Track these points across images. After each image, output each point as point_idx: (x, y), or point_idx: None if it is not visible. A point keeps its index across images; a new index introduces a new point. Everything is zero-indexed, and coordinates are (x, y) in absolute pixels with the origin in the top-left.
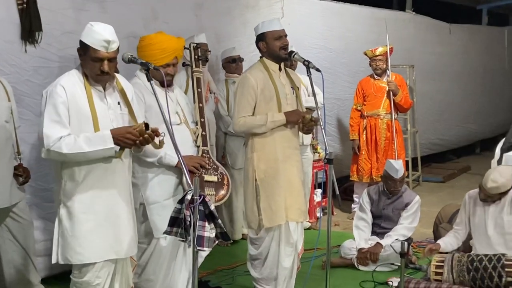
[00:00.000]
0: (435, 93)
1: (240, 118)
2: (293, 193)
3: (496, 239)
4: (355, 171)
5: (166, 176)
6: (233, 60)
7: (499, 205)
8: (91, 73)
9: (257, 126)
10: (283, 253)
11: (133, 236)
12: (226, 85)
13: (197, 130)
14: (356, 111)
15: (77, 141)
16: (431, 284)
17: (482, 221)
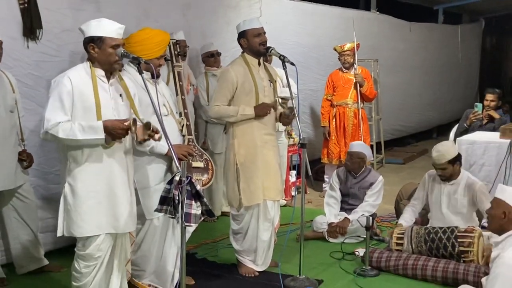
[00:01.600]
0: (397, 84)
1: (215, 106)
2: (270, 175)
3: (449, 216)
4: (326, 154)
5: (156, 163)
6: (212, 55)
7: (454, 186)
8: (109, 62)
9: (228, 115)
10: (262, 228)
11: (131, 213)
12: (206, 78)
13: (182, 120)
14: (326, 101)
15: (73, 128)
16: (393, 254)
17: (438, 199)
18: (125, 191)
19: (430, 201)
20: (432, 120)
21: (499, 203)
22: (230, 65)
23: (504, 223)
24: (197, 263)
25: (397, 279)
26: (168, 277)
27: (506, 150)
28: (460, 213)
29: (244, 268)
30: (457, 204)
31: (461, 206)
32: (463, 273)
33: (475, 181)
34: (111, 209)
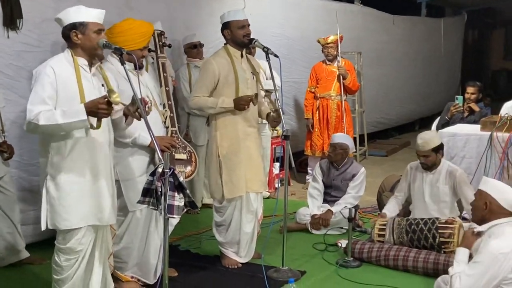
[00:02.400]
0: (380, 77)
1: (194, 97)
2: (253, 167)
3: (432, 206)
4: (309, 146)
5: (139, 155)
6: (194, 46)
7: (436, 175)
8: (93, 47)
9: (207, 107)
10: (245, 220)
11: (113, 206)
12: (188, 69)
13: (166, 112)
14: (310, 93)
15: (54, 113)
16: (375, 245)
17: (421, 188)
18: (108, 182)
19: (412, 192)
20: (415, 112)
21: (482, 194)
22: (212, 56)
23: (485, 214)
24: (180, 255)
25: (378, 270)
26: (151, 269)
27: (487, 142)
28: (443, 202)
29: (227, 259)
30: (439, 193)
31: (444, 195)
32: (443, 263)
33: (456, 169)
34: (95, 201)
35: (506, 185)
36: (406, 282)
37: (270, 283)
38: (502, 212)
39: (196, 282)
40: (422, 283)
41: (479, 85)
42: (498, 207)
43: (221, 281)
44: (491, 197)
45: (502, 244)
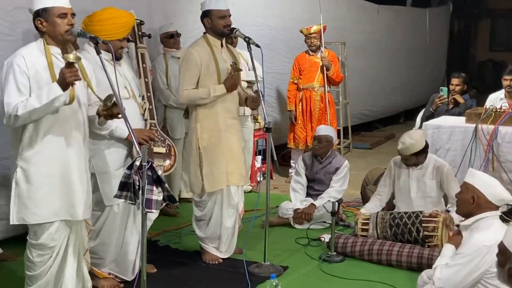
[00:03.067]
0: (364, 68)
1: (184, 91)
2: (234, 160)
3: (418, 202)
4: (292, 139)
5: (116, 147)
6: (171, 36)
7: (422, 170)
8: (59, 33)
9: (200, 98)
10: (225, 214)
11: (87, 201)
12: (164, 59)
13: (144, 104)
14: (293, 84)
15: (29, 100)
16: (358, 240)
17: (406, 184)
18: (81, 176)
19: (397, 188)
20: (400, 104)
21: (468, 188)
22: (191, 47)
23: (472, 208)
24: (159, 251)
25: (362, 264)
26: (129, 265)
27: (472, 134)
28: (429, 197)
29: (208, 255)
30: (426, 188)
31: (430, 190)
32: (427, 257)
33: (443, 164)
34: (67, 195)
35: (493, 179)
36: (389, 276)
37: (252, 278)
38: (489, 207)
39: (175, 278)
40: (405, 277)
41: (464, 76)
42: (486, 202)
43: (202, 277)
44: (478, 191)
45: (486, 237)
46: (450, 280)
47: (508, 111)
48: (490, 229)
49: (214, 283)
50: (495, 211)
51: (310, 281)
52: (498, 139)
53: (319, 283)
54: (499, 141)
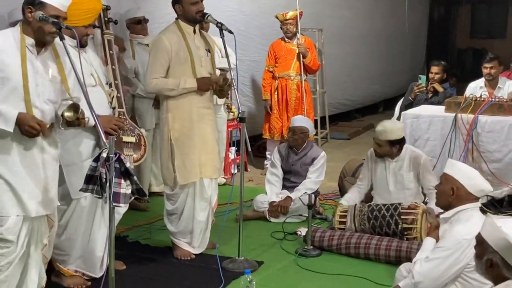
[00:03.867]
0: (342, 55)
1: (152, 79)
2: (207, 151)
3: (396, 194)
4: (267, 130)
5: (83, 137)
6: (138, 22)
7: (399, 162)
8: (44, 31)
9: (168, 89)
10: (198, 208)
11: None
12: (131, 46)
13: (112, 92)
14: (268, 73)
15: None
16: (335, 233)
17: (384, 177)
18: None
19: (374, 181)
20: (378, 93)
21: (448, 179)
22: (162, 33)
23: (452, 199)
24: (128, 247)
25: (339, 258)
26: (96, 262)
27: (451, 124)
28: (408, 189)
29: (180, 250)
30: (404, 181)
31: (408, 182)
32: (406, 250)
33: (420, 155)
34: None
35: (473, 169)
36: (367, 270)
37: (225, 274)
38: (469, 198)
39: (146, 275)
40: (384, 271)
41: (444, 64)
42: (465, 193)
43: (173, 273)
44: (458, 182)
45: (466, 229)
46: (430, 274)
47: (488, 100)
48: (470, 221)
49: (186, 280)
50: (475, 203)
51: (286, 276)
52: (478, 128)
53: (295, 278)
54: (479, 130)
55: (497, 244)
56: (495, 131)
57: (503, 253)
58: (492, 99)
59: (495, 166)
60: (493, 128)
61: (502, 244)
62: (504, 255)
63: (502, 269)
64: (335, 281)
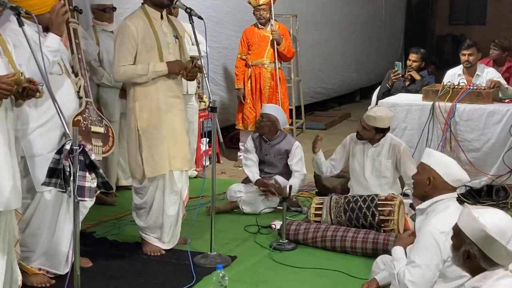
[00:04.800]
0: (318, 42)
1: (120, 67)
2: (177, 142)
3: (373, 181)
4: (241, 120)
5: (49, 128)
6: (106, 9)
7: (378, 148)
8: None
9: (138, 76)
10: (168, 202)
11: (15, 188)
12: (95, 34)
13: (79, 81)
14: (241, 60)
15: None
16: (311, 226)
17: (361, 162)
18: (8, 163)
19: (352, 166)
20: (355, 81)
21: (425, 168)
22: (127, 18)
23: (428, 189)
24: (95, 243)
25: (315, 252)
26: (61, 259)
27: (429, 113)
28: (384, 177)
29: (149, 246)
30: (381, 167)
31: (385, 169)
32: (383, 243)
33: (400, 143)
34: None
35: (450, 159)
36: (343, 264)
37: (197, 270)
38: (446, 188)
39: (114, 272)
40: (360, 264)
41: (422, 52)
42: (442, 183)
43: (143, 270)
44: (435, 172)
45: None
46: (423, 279)
47: (466, 88)
48: (447, 212)
49: (156, 277)
50: (451, 193)
51: (260, 271)
52: (456, 117)
53: (269, 273)
54: (456, 119)
55: (474, 236)
56: (473, 119)
57: (481, 244)
58: (470, 87)
59: (473, 155)
60: (471, 117)
61: (480, 235)
62: (482, 247)
63: (480, 260)
64: (310, 275)
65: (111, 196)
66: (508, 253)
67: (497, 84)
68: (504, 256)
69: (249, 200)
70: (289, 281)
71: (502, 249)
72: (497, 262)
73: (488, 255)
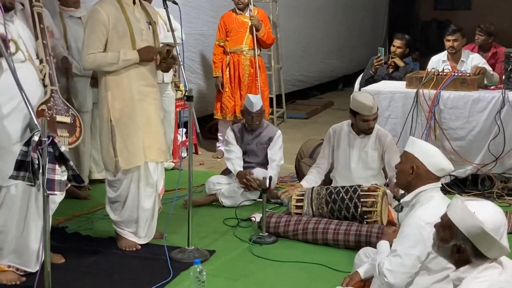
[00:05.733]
0: (298, 28)
1: (89, 54)
2: (152, 133)
3: (358, 173)
4: (219, 109)
5: (12, 118)
6: None
7: (364, 139)
8: None
9: (108, 64)
10: (143, 195)
11: None
12: (61, 20)
13: (44, 68)
14: (219, 47)
15: None
16: (292, 218)
17: (347, 153)
18: None
19: (336, 158)
20: (337, 69)
21: (408, 157)
22: (98, 4)
23: (412, 179)
24: (68, 238)
25: (296, 245)
26: (31, 255)
27: (413, 100)
28: (370, 169)
29: (124, 241)
30: (367, 158)
31: (372, 161)
32: (365, 234)
33: (386, 134)
34: None
35: (434, 147)
36: (325, 257)
37: (174, 266)
38: (430, 177)
39: (87, 269)
40: (342, 257)
41: (407, 38)
42: (426, 172)
43: (117, 266)
44: (418, 160)
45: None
46: (401, 268)
47: (451, 75)
48: (431, 203)
49: (131, 273)
50: (435, 183)
51: (239, 266)
52: (440, 104)
53: (249, 267)
54: (441, 107)
55: (470, 232)
56: (458, 107)
57: (476, 241)
58: (455, 74)
59: (458, 144)
60: (455, 104)
61: (477, 232)
62: (476, 243)
63: (470, 255)
64: (291, 269)
65: (84, 189)
66: (500, 247)
67: (482, 71)
68: (496, 251)
69: (229, 193)
70: (270, 275)
71: (495, 245)
72: (488, 256)
73: (480, 250)
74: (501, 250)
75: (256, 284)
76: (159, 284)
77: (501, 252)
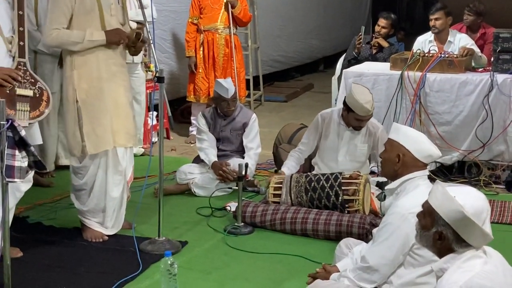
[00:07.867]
0: (277, 5)
1: (52, 30)
2: (120, 116)
3: (344, 165)
4: (192, 91)
5: None
6: None
7: (355, 132)
8: None
9: (72, 43)
10: (111, 182)
11: None
12: None
13: (13, 39)
14: (192, 25)
15: None
16: (269, 207)
17: (335, 145)
18: None
19: (322, 147)
20: (318, 49)
21: (393, 145)
22: None
23: (398, 167)
24: (29, 229)
25: (273, 235)
26: None
27: (397, 83)
28: (358, 162)
29: (90, 232)
30: (356, 152)
31: (361, 155)
32: (347, 225)
33: (377, 126)
34: None
35: (420, 133)
36: (304, 248)
37: (144, 258)
38: (416, 165)
39: (50, 261)
40: (322, 248)
41: (393, 18)
42: (412, 160)
43: (83, 257)
44: (404, 148)
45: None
46: (383, 259)
47: (437, 56)
48: (417, 191)
49: (98, 265)
50: (422, 171)
51: (213, 257)
52: (426, 88)
53: (223, 259)
54: (427, 90)
55: (450, 217)
56: (445, 90)
57: (457, 226)
58: (441, 55)
59: (444, 129)
60: (442, 87)
61: (457, 216)
62: (457, 229)
63: (452, 242)
64: (268, 261)
65: (47, 176)
66: (483, 234)
67: (470, 52)
68: (478, 238)
69: (203, 183)
70: (245, 267)
71: (477, 231)
72: (470, 243)
73: (462, 237)
74: (484, 237)
75: (231, 277)
76: (128, 277)
77: (484, 239)
